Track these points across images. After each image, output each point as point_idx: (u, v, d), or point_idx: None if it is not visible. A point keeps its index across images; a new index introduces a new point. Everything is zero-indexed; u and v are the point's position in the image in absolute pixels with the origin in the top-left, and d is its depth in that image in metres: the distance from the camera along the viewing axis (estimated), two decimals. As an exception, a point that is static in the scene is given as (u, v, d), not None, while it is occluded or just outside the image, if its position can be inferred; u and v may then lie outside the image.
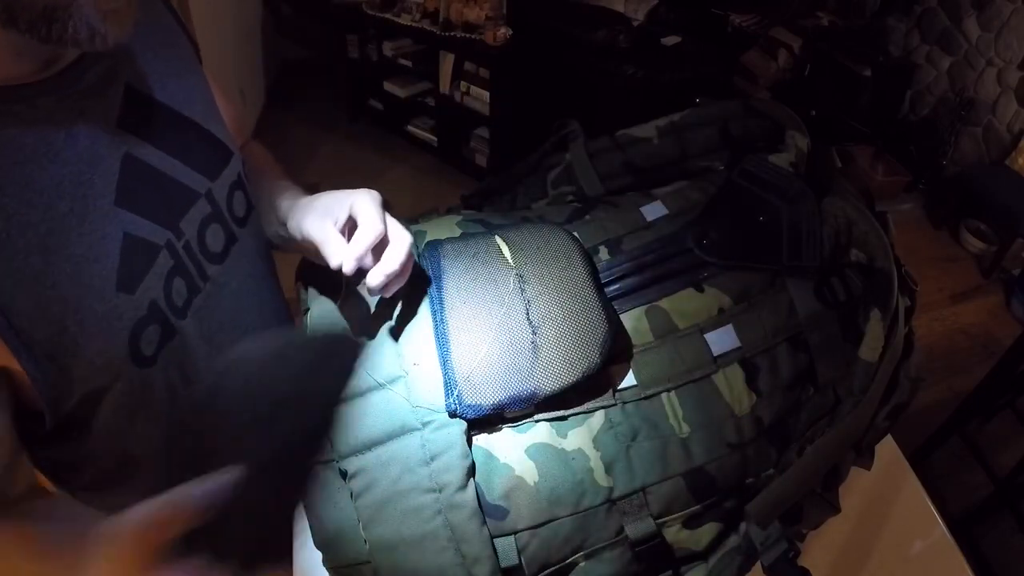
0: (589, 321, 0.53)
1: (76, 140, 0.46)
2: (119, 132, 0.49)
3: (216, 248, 0.59)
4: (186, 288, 0.55)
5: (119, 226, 0.49)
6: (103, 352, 0.48)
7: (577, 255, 0.57)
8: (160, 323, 0.53)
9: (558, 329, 0.53)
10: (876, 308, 0.56)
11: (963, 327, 2.49)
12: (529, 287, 0.55)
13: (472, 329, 0.54)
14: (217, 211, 0.59)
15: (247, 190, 0.64)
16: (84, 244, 0.46)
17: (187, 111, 0.56)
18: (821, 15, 3.23)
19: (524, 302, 0.54)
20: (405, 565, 0.51)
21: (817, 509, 0.58)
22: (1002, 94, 2.77)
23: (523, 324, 0.53)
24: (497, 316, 0.54)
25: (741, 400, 0.56)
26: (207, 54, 0.68)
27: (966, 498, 1.74)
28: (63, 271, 0.45)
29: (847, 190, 0.64)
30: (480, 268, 0.57)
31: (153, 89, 0.53)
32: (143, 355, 0.52)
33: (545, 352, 0.52)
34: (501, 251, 0.58)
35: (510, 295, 0.55)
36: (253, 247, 0.65)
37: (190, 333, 0.56)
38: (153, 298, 0.52)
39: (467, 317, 0.54)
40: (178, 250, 0.54)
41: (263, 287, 0.68)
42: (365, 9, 2.82)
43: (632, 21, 2.77)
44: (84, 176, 0.46)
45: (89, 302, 0.46)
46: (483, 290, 0.56)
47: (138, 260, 0.50)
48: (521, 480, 0.52)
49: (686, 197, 0.64)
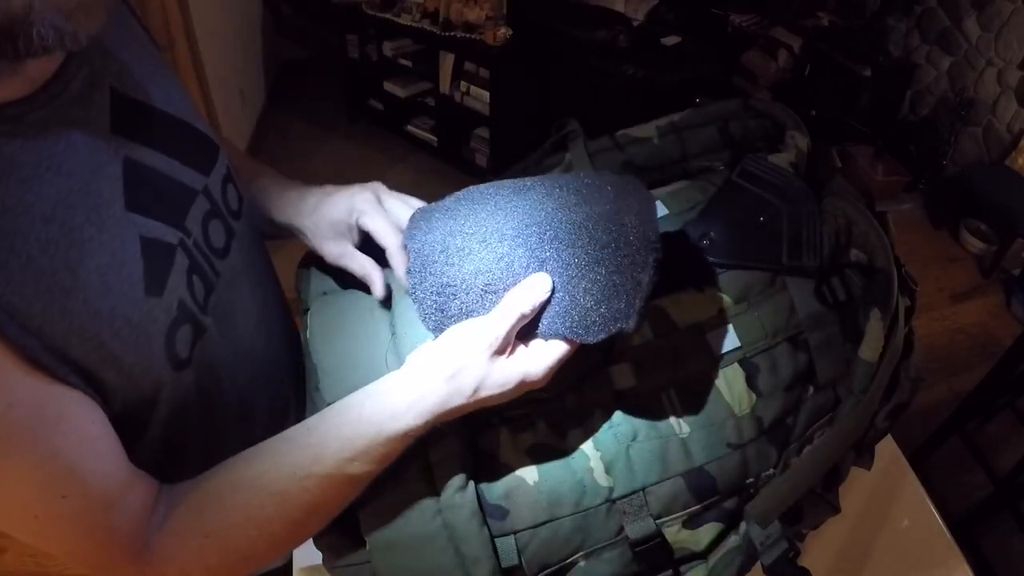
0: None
1: (76, 150, 0.45)
2: (114, 137, 0.49)
3: (219, 244, 0.59)
4: (203, 285, 0.55)
5: (134, 230, 0.48)
6: (141, 360, 0.47)
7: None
8: (191, 322, 0.52)
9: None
10: (876, 308, 0.56)
11: (963, 327, 2.49)
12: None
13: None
14: (215, 207, 0.59)
15: (236, 183, 0.64)
16: (107, 253, 0.45)
17: (172, 109, 0.56)
18: (821, 15, 3.23)
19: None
20: (404, 565, 0.51)
21: (817, 509, 0.58)
22: (1002, 94, 2.77)
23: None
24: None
25: (741, 400, 0.56)
26: (207, 54, 0.68)
27: (966, 498, 1.74)
28: (92, 284, 0.44)
29: (847, 190, 0.64)
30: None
31: (137, 90, 0.52)
32: (180, 358, 0.51)
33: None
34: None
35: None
36: (250, 240, 0.65)
37: (214, 331, 0.56)
38: (180, 298, 0.51)
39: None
40: (190, 248, 0.54)
41: (263, 278, 0.68)
42: (365, 9, 2.82)
43: (632, 21, 2.77)
44: (91, 185, 0.45)
45: (123, 310, 0.46)
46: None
47: (160, 262, 0.50)
48: (521, 480, 0.52)
49: (686, 197, 0.64)
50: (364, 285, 0.60)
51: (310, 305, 0.63)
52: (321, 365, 0.56)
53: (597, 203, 0.51)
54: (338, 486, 0.48)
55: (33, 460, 0.42)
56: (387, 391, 0.48)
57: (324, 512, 0.50)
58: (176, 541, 0.48)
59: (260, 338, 0.65)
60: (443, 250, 0.51)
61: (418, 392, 0.47)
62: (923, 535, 0.87)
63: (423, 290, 0.50)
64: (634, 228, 0.49)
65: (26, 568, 1.65)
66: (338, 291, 0.64)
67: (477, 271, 0.50)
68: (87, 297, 0.43)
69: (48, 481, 0.43)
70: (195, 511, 0.49)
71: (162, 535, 0.48)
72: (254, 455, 0.50)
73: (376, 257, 0.60)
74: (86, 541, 0.46)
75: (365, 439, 0.47)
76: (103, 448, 0.46)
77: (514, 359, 0.48)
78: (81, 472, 0.44)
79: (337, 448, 0.47)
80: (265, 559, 0.51)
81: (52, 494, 0.43)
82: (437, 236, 0.52)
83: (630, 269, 0.48)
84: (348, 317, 0.59)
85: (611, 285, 0.48)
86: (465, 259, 0.50)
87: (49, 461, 0.42)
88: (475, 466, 0.52)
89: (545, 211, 0.51)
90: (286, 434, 0.50)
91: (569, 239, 0.49)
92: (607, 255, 0.49)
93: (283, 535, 0.50)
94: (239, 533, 0.49)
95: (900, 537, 0.86)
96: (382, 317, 0.59)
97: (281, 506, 0.48)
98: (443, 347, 0.48)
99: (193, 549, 0.49)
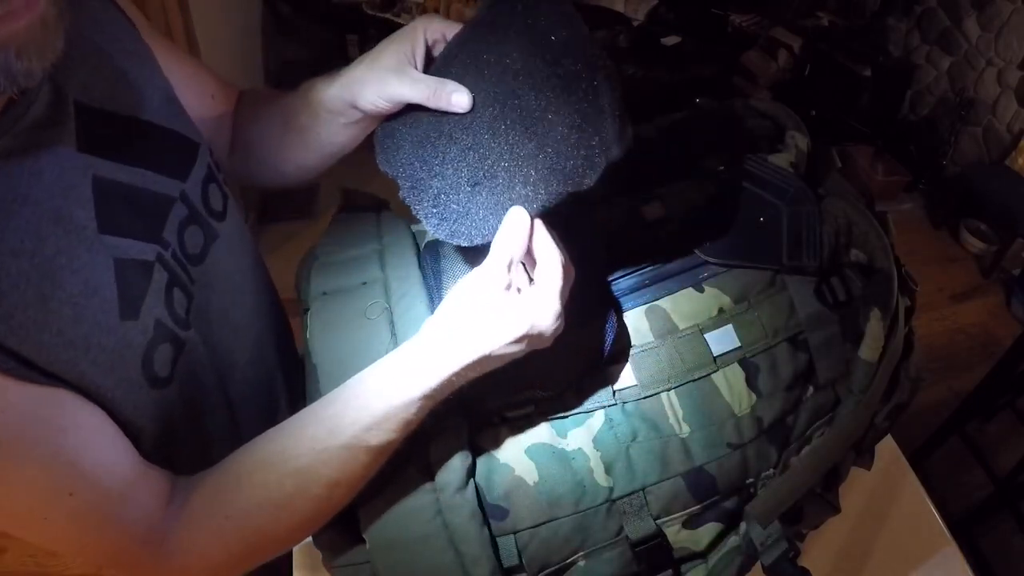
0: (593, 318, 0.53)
1: (41, 176, 0.43)
2: (81, 155, 0.47)
3: (195, 250, 0.57)
4: (184, 296, 0.54)
5: (107, 253, 0.47)
6: (119, 385, 0.46)
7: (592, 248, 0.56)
8: (169, 340, 0.51)
9: (565, 335, 0.53)
10: (876, 308, 0.56)
11: (963, 327, 2.49)
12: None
13: None
14: (194, 212, 0.57)
15: (220, 181, 0.62)
16: (79, 281, 0.44)
17: (144, 113, 0.54)
18: (821, 15, 3.23)
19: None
20: (404, 565, 0.51)
21: (817, 509, 0.58)
22: (1002, 94, 2.77)
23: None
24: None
25: (741, 400, 0.56)
26: (207, 54, 0.68)
27: (966, 498, 1.74)
28: (64, 315, 0.42)
29: (847, 190, 0.64)
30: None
31: (104, 99, 0.50)
32: (159, 377, 0.50)
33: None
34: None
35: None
36: (234, 241, 0.63)
37: (196, 341, 0.55)
38: (157, 317, 0.50)
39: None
40: (168, 261, 0.53)
41: (249, 280, 0.67)
42: (365, 9, 2.82)
43: (632, 21, 2.77)
44: (61, 211, 0.44)
45: (97, 339, 0.44)
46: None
47: (134, 283, 0.48)
48: (521, 480, 0.52)
49: (686, 197, 0.64)
50: (363, 285, 0.60)
51: (310, 305, 0.63)
52: (321, 365, 0.56)
53: (533, 52, 0.50)
54: (357, 457, 0.47)
55: (34, 461, 0.42)
56: (400, 357, 0.48)
57: (346, 486, 0.49)
58: (194, 528, 0.48)
59: (246, 339, 0.65)
60: (421, 163, 0.52)
61: (430, 351, 0.46)
62: (923, 535, 0.87)
63: (422, 209, 0.51)
64: (571, 56, 0.49)
65: (26, 568, 1.65)
66: (338, 291, 0.64)
67: (456, 171, 0.50)
68: (61, 328, 0.42)
69: (52, 480, 0.43)
70: (212, 495, 0.48)
71: (179, 524, 0.48)
72: (270, 436, 0.49)
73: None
74: (98, 537, 0.46)
75: (383, 406, 0.46)
76: (105, 443, 0.46)
77: (518, 298, 0.46)
78: (85, 468, 0.44)
79: (354, 418, 0.46)
80: (289, 540, 0.50)
81: (58, 493, 0.43)
82: (407, 151, 0.54)
83: (588, 104, 0.47)
84: (348, 317, 0.59)
85: (576, 126, 0.47)
86: (443, 163, 0.51)
87: (51, 460, 0.42)
88: (475, 466, 0.52)
89: (492, 82, 0.51)
90: (303, 412, 0.50)
91: (524, 102, 0.49)
92: (561, 101, 0.48)
93: (306, 512, 0.49)
94: (260, 513, 0.48)
95: (900, 537, 0.86)
96: (382, 317, 0.59)
97: (301, 482, 0.47)
98: (446, 306, 0.47)
99: (213, 533, 0.48)
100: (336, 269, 0.62)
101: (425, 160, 0.52)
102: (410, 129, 0.54)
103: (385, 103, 0.55)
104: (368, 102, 0.56)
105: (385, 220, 0.66)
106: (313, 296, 0.64)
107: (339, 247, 0.63)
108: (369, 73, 0.56)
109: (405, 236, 0.63)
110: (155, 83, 0.57)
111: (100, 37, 0.53)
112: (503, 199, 0.48)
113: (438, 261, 0.59)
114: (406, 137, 0.54)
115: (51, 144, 0.45)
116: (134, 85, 0.54)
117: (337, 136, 0.63)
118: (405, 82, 0.53)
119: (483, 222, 0.49)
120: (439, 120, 0.53)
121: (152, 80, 0.57)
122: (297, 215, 2.53)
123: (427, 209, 0.51)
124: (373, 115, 0.58)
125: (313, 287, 0.64)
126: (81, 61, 0.49)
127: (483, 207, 0.49)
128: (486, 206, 0.49)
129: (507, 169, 0.49)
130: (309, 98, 0.62)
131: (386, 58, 0.55)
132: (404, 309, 0.57)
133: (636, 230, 0.63)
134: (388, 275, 0.59)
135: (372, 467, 0.49)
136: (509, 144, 0.49)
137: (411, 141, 0.53)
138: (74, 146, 0.46)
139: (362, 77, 0.56)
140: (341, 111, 0.59)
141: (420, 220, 0.51)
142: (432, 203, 0.51)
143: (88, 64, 0.50)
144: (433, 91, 0.52)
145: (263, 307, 0.70)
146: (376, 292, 0.58)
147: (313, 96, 0.61)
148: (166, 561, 0.47)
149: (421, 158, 0.52)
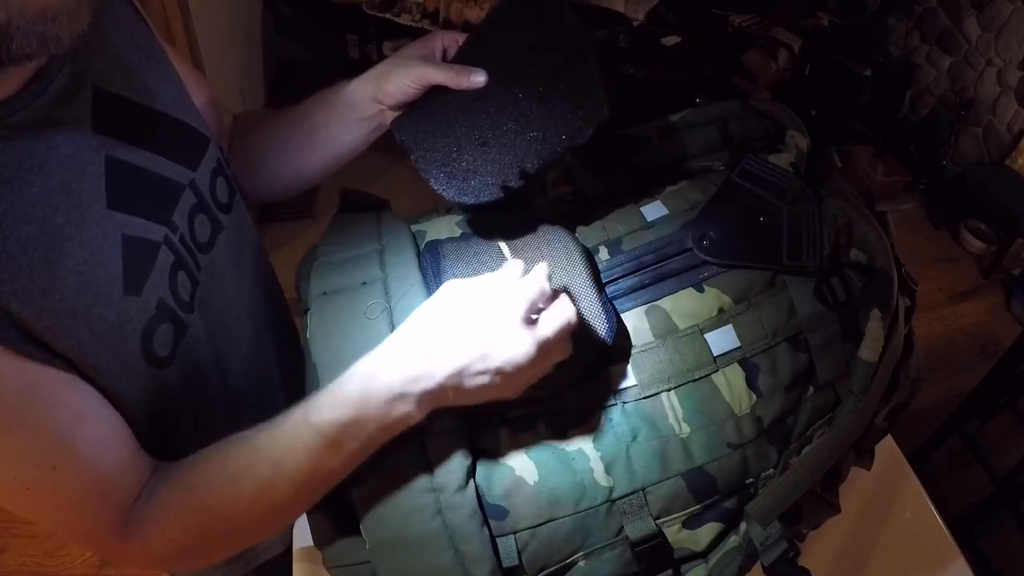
0: (589, 321, 0.53)
1: (57, 150, 0.45)
2: (96, 135, 0.48)
3: (203, 238, 0.59)
4: (189, 281, 0.55)
5: (116, 229, 0.48)
6: (117, 358, 0.48)
7: (578, 255, 0.57)
8: (171, 321, 0.52)
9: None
10: (876, 308, 0.56)
11: (963, 327, 2.49)
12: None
13: None
14: (202, 201, 0.59)
15: (228, 175, 0.64)
16: (86, 251, 0.46)
17: (158, 104, 0.56)
18: (821, 15, 3.23)
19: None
20: (404, 565, 0.51)
21: (817, 509, 0.58)
22: (1002, 94, 2.77)
23: None
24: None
25: (741, 400, 0.56)
26: (207, 54, 0.69)
27: (966, 498, 1.74)
28: (69, 283, 0.44)
29: (847, 190, 0.64)
30: (481, 268, 0.57)
31: (121, 87, 0.52)
32: (157, 356, 0.51)
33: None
34: (502, 251, 0.58)
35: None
36: (239, 234, 0.65)
37: (199, 326, 0.56)
38: (160, 296, 0.51)
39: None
40: (176, 244, 0.54)
41: (252, 273, 0.68)
42: (365, 9, 2.82)
43: (632, 21, 2.77)
44: (72, 184, 0.46)
45: (99, 310, 0.46)
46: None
47: (140, 260, 0.50)
48: (521, 480, 0.52)
49: (686, 197, 0.64)
50: (363, 285, 0.60)
51: (310, 305, 0.62)
52: (321, 365, 0.56)
53: (535, 42, 0.60)
54: (300, 437, 0.47)
55: (22, 431, 0.43)
56: (368, 359, 0.48)
57: (290, 472, 0.47)
58: (155, 503, 0.48)
59: (246, 332, 0.65)
60: (434, 127, 0.60)
61: (390, 354, 0.47)
62: (923, 535, 0.87)
63: (431, 168, 0.58)
64: (568, 41, 0.58)
65: (26, 568, 1.65)
66: (338, 291, 0.64)
67: (468, 131, 0.58)
68: (64, 296, 0.44)
69: (37, 452, 0.44)
70: (176, 472, 0.49)
71: (143, 502, 0.49)
72: (255, 429, 0.49)
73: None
74: (76, 514, 0.47)
75: (341, 394, 0.46)
76: (98, 425, 0.47)
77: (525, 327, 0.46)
78: (73, 446, 0.45)
79: (312, 401, 0.47)
80: (241, 524, 0.49)
81: (41, 465, 0.44)
82: (423, 121, 0.62)
83: (573, 76, 0.57)
84: (348, 317, 0.59)
85: (571, 96, 0.56)
86: (454, 126, 0.59)
87: (37, 433, 0.43)
88: (475, 466, 0.52)
89: (502, 64, 0.61)
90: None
91: (530, 77, 0.59)
92: (559, 78, 0.57)
93: (252, 492, 0.47)
94: (215, 485, 0.48)
95: (900, 537, 0.86)
96: (382, 317, 0.58)
97: (251, 458, 0.47)
98: (414, 320, 0.48)
99: (172, 508, 0.48)
100: (336, 269, 0.62)
101: (438, 124, 0.59)
102: (425, 103, 0.63)
103: (412, 85, 0.63)
104: (396, 86, 0.64)
105: (385, 220, 0.66)
106: (313, 296, 0.64)
107: (339, 247, 0.63)
108: (396, 65, 0.64)
109: (405, 236, 0.63)
110: (169, 79, 0.59)
111: (119, 32, 0.55)
112: (508, 157, 0.55)
113: (438, 261, 0.59)
114: (422, 110, 0.63)
115: (68, 122, 0.46)
116: (149, 78, 0.56)
117: (347, 134, 0.68)
118: (431, 66, 0.62)
119: (489, 177, 0.55)
120: (454, 95, 0.61)
121: (166, 76, 0.59)
122: (297, 215, 2.53)
123: (437, 168, 0.57)
124: (391, 107, 0.65)
125: (313, 287, 0.64)
126: (100, 51, 0.51)
127: (490, 162, 0.56)
128: (493, 161, 0.56)
129: (513, 130, 0.57)
130: (326, 96, 0.68)
131: (411, 51, 0.65)
132: (404, 309, 0.57)
133: (636, 230, 0.63)
134: (388, 275, 0.59)
135: (321, 458, 0.47)
136: (517, 110, 0.58)
137: (426, 113, 0.62)
138: (90, 126, 0.48)
139: (389, 69, 0.65)
140: (360, 104, 0.66)
141: (428, 180, 0.57)
142: (442, 162, 0.57)
143: (107, 55, 0.52)
144: (456, 71, 0.61)
145: (266, 302, 0.71)
146: (376, 292, 0.58)
147: (331, 94, 0.68)
148: (129, 539, 0.48)
149: (434, 122, 0.60)
